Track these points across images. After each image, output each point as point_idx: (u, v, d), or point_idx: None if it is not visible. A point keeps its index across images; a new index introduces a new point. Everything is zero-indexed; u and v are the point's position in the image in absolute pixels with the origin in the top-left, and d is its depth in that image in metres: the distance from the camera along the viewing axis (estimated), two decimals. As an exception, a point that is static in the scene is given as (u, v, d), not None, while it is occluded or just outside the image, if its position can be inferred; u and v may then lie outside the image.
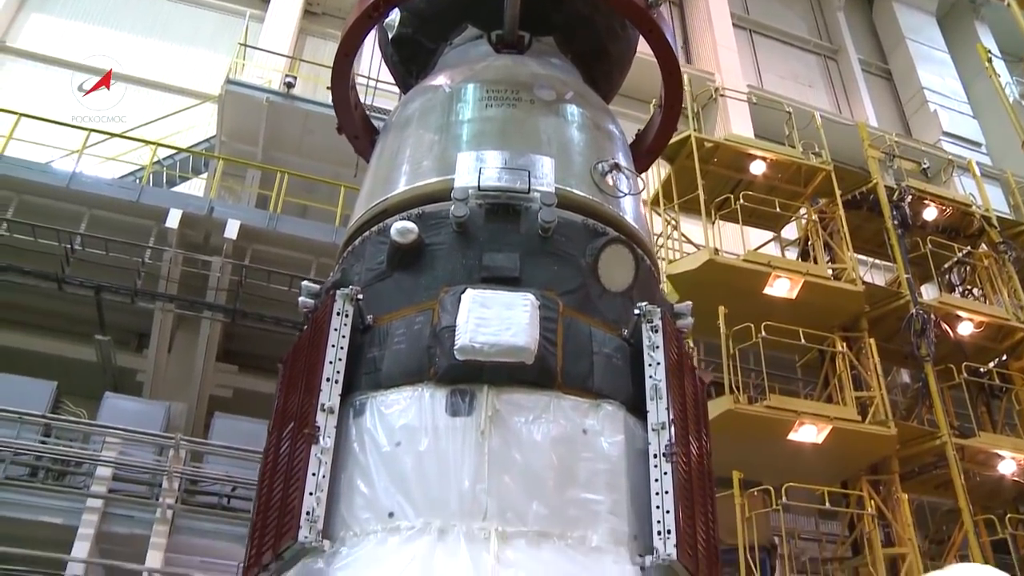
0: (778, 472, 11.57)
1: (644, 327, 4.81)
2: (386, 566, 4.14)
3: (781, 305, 12.56)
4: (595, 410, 4.65)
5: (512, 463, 4.41)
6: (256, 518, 4.73)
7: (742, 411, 11.45)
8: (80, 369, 15.01)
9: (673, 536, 4.29)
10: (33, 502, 12.22)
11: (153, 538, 12.67)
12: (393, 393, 4.69)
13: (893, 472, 12.44)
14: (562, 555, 4.22)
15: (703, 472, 4.75)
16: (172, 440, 13.44)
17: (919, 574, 11.34)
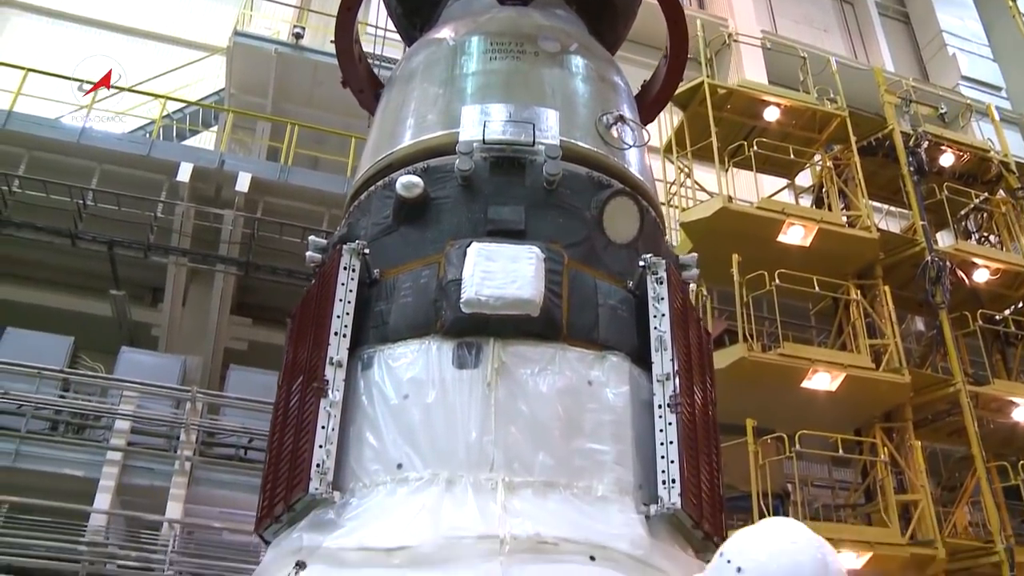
0: (791, 420, 11.63)
1: (649, 279, 4.85)
2: (395, 516, 4.24)
3: (795, 253, 12.53)
4: (600, 361, 4.72)
5: (518, 414, 4.48)
6: (268, 470, 4.85)
7: (755, 359, 11.49)
8: (96, 324, 15.19)
9: (677, 485, 4.37)
10: (55, 455, 12.49)
11: (172, 489, 12.95)
12: (400, 346, 4.76)
13: (906, 420, 12.49)
14: (568, 504, 4.31)
15: (707, 422, 4.83)
16: (188, 393, 13.66)
17: (932, 521, 11.45)
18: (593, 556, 4.12)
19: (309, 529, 4.37)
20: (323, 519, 4.36)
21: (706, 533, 4.58)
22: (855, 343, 12.49)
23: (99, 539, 12.05)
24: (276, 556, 4.47)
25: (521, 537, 4.07)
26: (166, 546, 12.34)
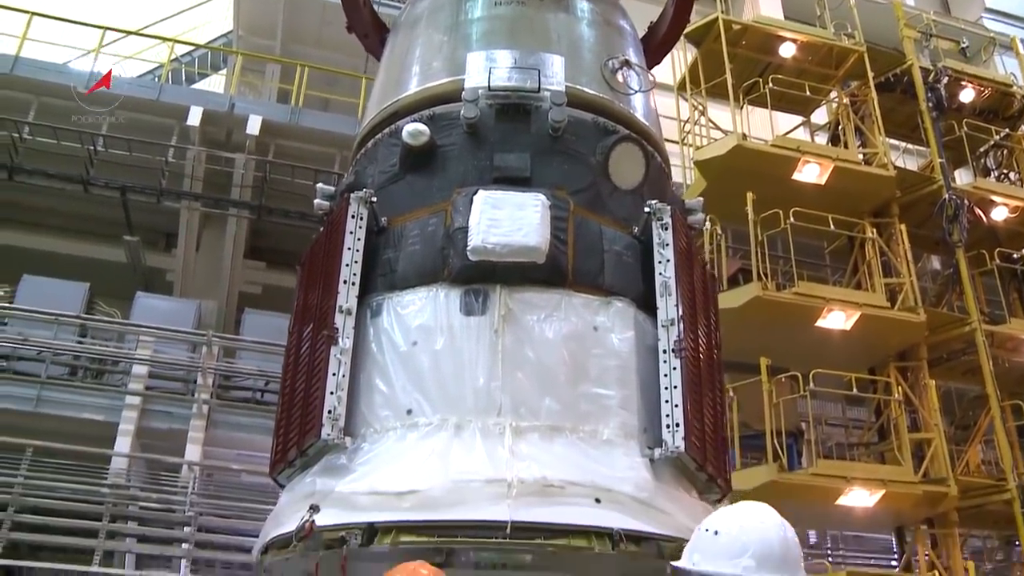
0: (806, 358, 11.66)
1: (654, 224, 4.91)
2: (405, 461, 4.38)
3: (810, 191, 12.47)
4: (606, 307, 4.81)
5: (525, 360, 4.59)
6: (280, 416, 5.00)
7: (770, 298, 11.50)
8: (111, 270, 15.37)
9: (681, 429, 4.48)
10: (75, 400, 12.76)
11: (191, 432, 13.23)
12: (409, 294, 4.87)
13: (921, 358, 12.52)
14: (574, 448, 4.44)
15: (712, 366, 4.93)
16: (204, 337, 13.87)
17: (945, 459, 11.56)
18: (598, 499, 4.26)
19: (322, 474, 4.53)
20: (335, 464, 4.51)
21: (709, 475, 4.71)
22: (870, 282, 12.47)
23: (121, 482, 12.38)
24: (290, 500, 4.64)
25: (528, 480, 4.20)
26: (186, 488, 12.66)
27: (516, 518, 4.08)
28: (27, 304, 13.24)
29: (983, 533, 13.83)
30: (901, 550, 12.35)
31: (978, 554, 13.83)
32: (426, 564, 2.82)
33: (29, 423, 12.20)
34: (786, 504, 10.16)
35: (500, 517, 4.08)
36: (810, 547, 15.71)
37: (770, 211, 11.75)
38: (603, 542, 4.13)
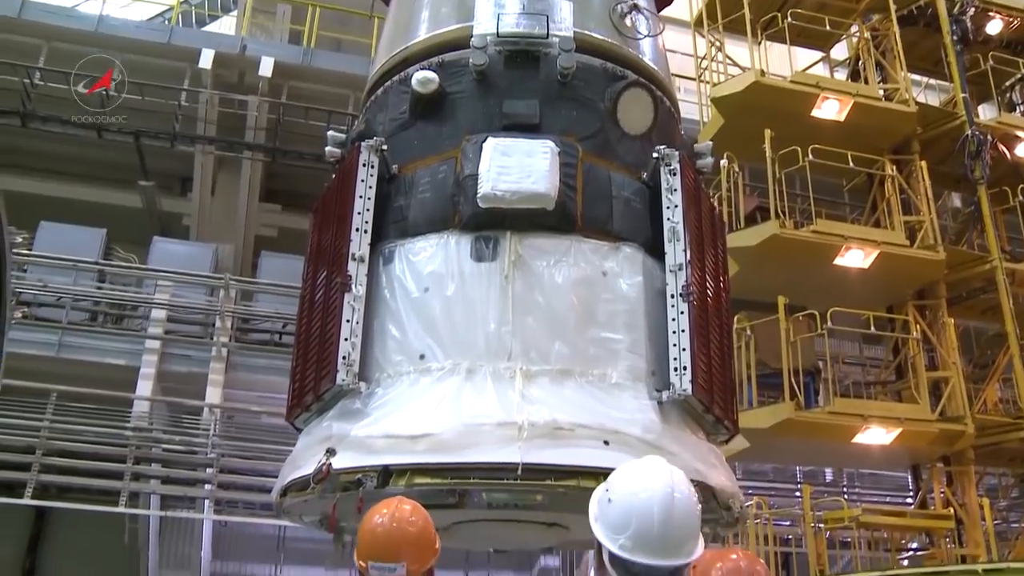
0: (823, 297, 11.69)
1: (662, 170, 4.98)
2: (419, 405, 4.54)
3: (829, 128, 12.40)
4: (614, 252, 4.91)
5: (535, 305, 4.72)
6: (296, 362, 5.16)
7: (788, 236, 11.51)
8: (127, 215, 15.55)
9: (689, 372, 4.61)
10: (96, 345, 13.04)
11: (211, 375, 13.51)
12: (420, 240, 4.98)
13: (940, 297, 12.55)
14: (583, 391, 4.58)
15: (719, 310, 5.04)
16: (222, 280, 14.07)
17: (962, 398, 11.65)
18: (607, 440, 4.40)
19: (338, 418, 4.70)
20: (350, 408, 4.67)
21: (716, 417, 4.85)
22: (889, 220, 12.45)
23: (144, 425, 12.69)
24: (308, 443, 4.82)
25: (538, 423, 4.35)
26: (207, 430, 12.97)
27: (527, 460, 4.23)
28: (45, 251, 13.45)
29: (998, 471, 13.99)
30: (917, 488, 12.53)
31: (993, 491, 14.01)
32: (407, 499, 2.94)
33: (52, 368, 12.48)
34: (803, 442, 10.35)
35: (511, 459, 4.23)
36: (826, 484, 15.96)
37: (788, 148, 11.72)
38: (610, 482, 4.28)
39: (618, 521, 2.09)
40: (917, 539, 12.44)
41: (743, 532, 11.36)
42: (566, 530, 5.09)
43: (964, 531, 11.43)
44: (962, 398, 11.67)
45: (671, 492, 2.11)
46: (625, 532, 2.07)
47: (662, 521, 2.06)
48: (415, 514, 2.86)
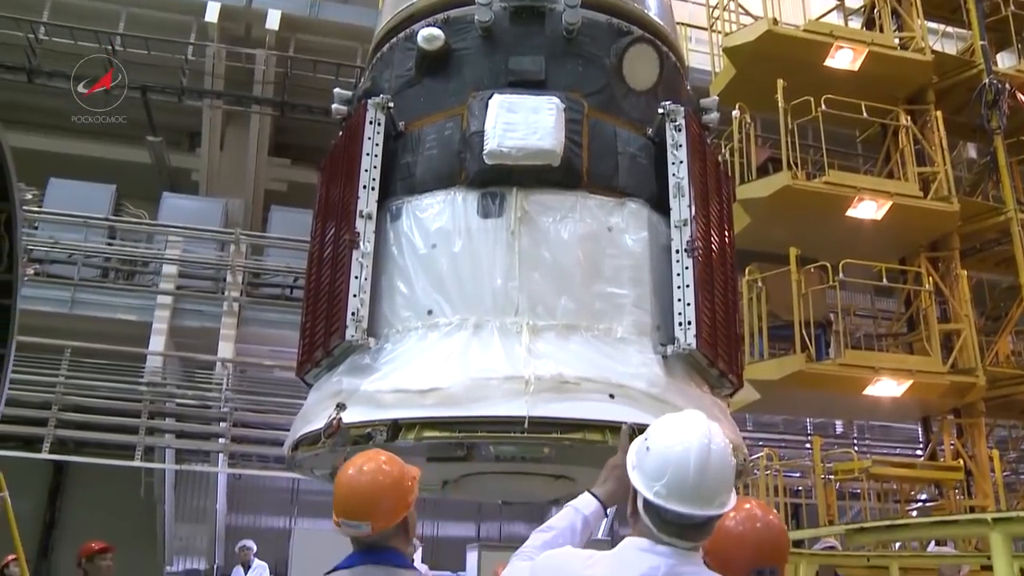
0: (835, 249, 11.73)
1: (668, 126, 5.02)
2: (427, 360, 4.64)
3: (843, 78, 12.36)
4: (620, 208, 4.97)
5: (541, 261, 4.80)
6: (306, 318, 5.28)
7: (800, 187, 11.53)
8: (136, 171, 15.67)
9: (693, 327, 4.69)
10: (108, 301, 13.26)
11: (223, 330, 13.73)
12: (427, 197, 5.05)
13: (953, 248, 12.58)
14: (589, 346, 4.67)
15: (725, 265, 5.10)
16: (232, 235, 14.21)
17: (974, 350, 11.73)
18: (612, 394, 4.50)
19: (347, 373, 4.81)
20: (360, 363, 4.78)
21: (721, 371, 4.95)
22: (903, 171, 12.44)
23: (157, 379, 12.94)
24: (318, 398, 4.94)
25: (544, 377, 4.45)
26: (220, 384, 13.22)
27: (533, 413, 4.32)
28: (55, 207, 13.59)
29: (1009, 423, 14.11)
30: (927, 439, 12.67)
31: (1003, 444, 14.15)
32: (380, 453, 2.89)
33: (65, 324, 12.70)
34: (813, 394, 10.47)
35: (518, 412, 4.33)
36: (836, 436, 16.13)
37: (801, 99, 11.70)
38: (616, 435, 4.38)
39: (654, 469, 2.15)
40: (926, 490, 12.61)
41: (753, 483, 11.54)
42: (572, 482, 5.22)
43: (973, 482, 11.59)
44: (974, 350, 11.76)
45: (708, 444, 2.16)
46: (661, 480, 2.13)
47: (697, 471, 2.11)
48: (383, 470, 2.79)
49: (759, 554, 2.51)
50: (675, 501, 2.10)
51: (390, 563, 2.72)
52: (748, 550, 2.51)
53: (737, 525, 2.53)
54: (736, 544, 2.51)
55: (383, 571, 2.68)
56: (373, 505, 2.71)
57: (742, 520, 2.56)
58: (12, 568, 8.43)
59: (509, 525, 16.34)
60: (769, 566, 2.51)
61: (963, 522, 6.61)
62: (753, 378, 11.31)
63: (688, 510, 2.10)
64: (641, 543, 2.18)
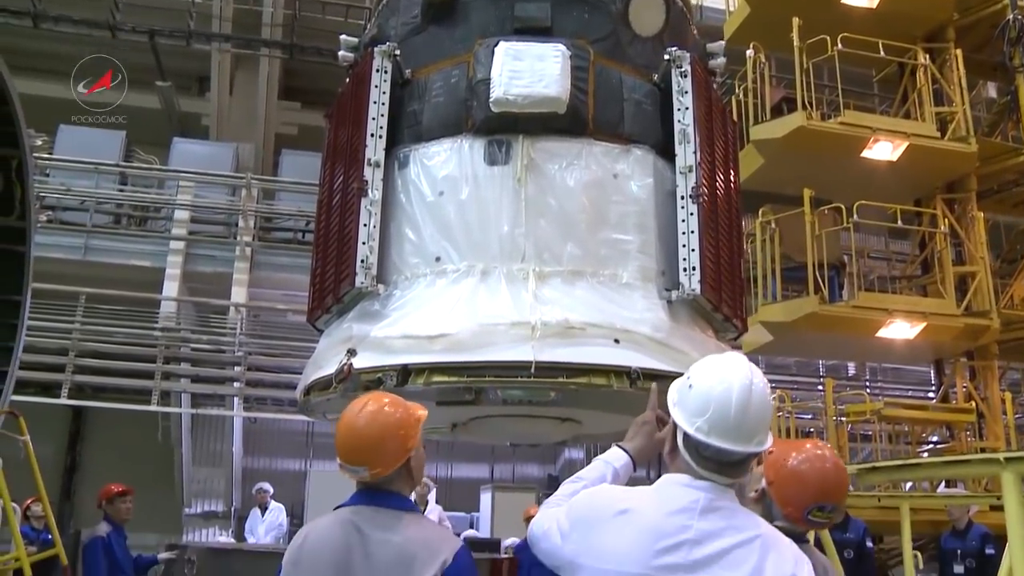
0: (850, 190, 11.71)
1: (673, 72, 5.07)
2: (435, 306, 4.78)
3: (859, 15, 12.23)
4: (625, 155, 5.06)
5: (547, 208, 4.90)
6: (316, 265, 5.41)
7: (814, 128, 11.49)
8: (145, 117, 15.72)
9: (698, 272, 4.81)
10: (121, 247, 13.44)
11: (235, 275, 13.92)
12: (434, 145, 5.15)
13: (970, 190, 12.54)
14: (594, 291, 4.80)
15: (730, 211, 5.20)
16: (243, 180, 14.32)
17: (988, 292, 11.77)
18: (617, 339, 4.64)
19: (357, 319, 4.96)
20: (370, 310, 4.93)
21: (725, 316, 5.07)
22: (920, 111, 12.37)
23: (171, 325, 13.16)
24: (329, 344, 5.10)
25: (550, 323, 4.59)
26: (234, 329, 13.43)
27: (540, 358, 4.46)
28: (65, 154, 13.70)
29: (1021, 365, 14.20)
30: (939, 382, 12.78)
31: (1015, 386, 14.25)
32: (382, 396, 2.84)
33: (79, 271, 12.89)
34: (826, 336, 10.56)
35: (525, 357, 4.47)
36: (848, 378, 16.28)
37: (816, 37, 11.62)
38: (621, 380, 4.53)
39: (696, 406, 2.20)
40: (938, 432, 12.75)
41: (765, 425, 11.71)
42: (579, 424, 5.39)
43: (985, 425, 11.73)
44: (988, 293, 11.81)
45: (749, 383, 2.21)
46: (703, 416, 2.18)
47: (739, 408, 2.16)
48: (383, 415, 2.76)
49: (823, 491, 2.62)
50: (716, 437, 2.16)
51: (390, 506, 2.73)
52: (813, 487, 2.63)
53: (803, 463, 2.66)
54: (801, 481, 2.63)
55: (382, 514, 2.69)
56: (372, 451, 2.71)
57: (807, 459, 2.68)
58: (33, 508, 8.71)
59: (522, 467, 16.65)
60: (831, 502, 2.63)
61: (975, 462, 6.73)
62: (766, 320, 11.44)
63: (729, 446, 2.16)
64: (680, 478, 2.24)
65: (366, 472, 2.70)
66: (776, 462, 2.68)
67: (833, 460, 2.73)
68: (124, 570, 6.95)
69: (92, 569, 6.80)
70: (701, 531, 2.11)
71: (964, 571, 8.66)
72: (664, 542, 2.11)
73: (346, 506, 2.76)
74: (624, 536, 2.16)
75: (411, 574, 2.55)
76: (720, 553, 2.08)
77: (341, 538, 2.64)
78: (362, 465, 2.71)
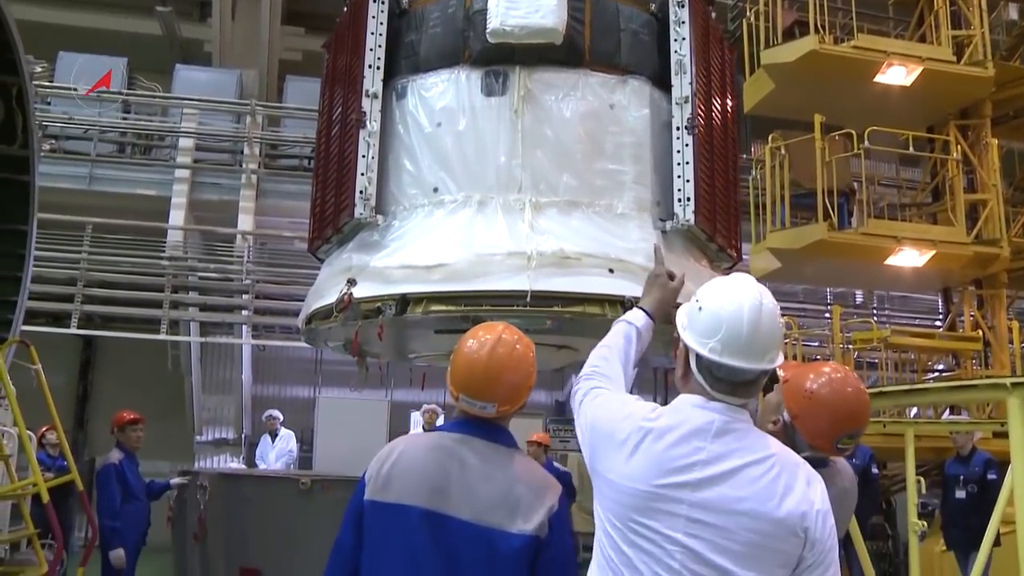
0: (862, 116, 11.61)
1: (671, 2, 5.14)
2: (433, 236, 4.94)
3: (875, -66, 12.09)
4: (622, 86, 5.16)
5: (544, 139, 5.03)
6: (316, 196, 5.57)
7: (827, 51, 11.38)
8: (147, 44, 15.67)
9: (692, 203, 4.94)
10: (126, 176, 13.53)
11: (241, 203, 14.03)
12: (432, 76, 5.26)
13: (985, 116, 12.43)
14: (590, 222, 4.95)
15: (726, 142, 5.30)
16: (247, 107, 14.35)
17: (1000, 221, 11.79)
18: (612, 269, 4.80)
19: (357, 250, 5.14)
20: (369, 240, 5.10)
21: (720, 246, 5.22)
22: (936, 35, 12.25)
23: (178, 254, 13.32)
24: (330, 274, 5.28)
25: (546, 253, 4.75)
26: (241, 257, 13.59)
27: (535, 287, 4.65)
28: (65, 82, 13.71)
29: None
30: (947, 310, 12.88)
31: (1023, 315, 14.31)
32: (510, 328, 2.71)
33: (85, 201, 13.01)
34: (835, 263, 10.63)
35: (521, 287, 4.66)
36: (856, 306, 16.40)
37: (829, -43, 11.48)
38: (615, 309, 4.70)
39: (708, 327, 2.20)
40: (944, 361, 12.88)
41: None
42: (575, 351, 5.57)
43: (991, 353, 11.85)
44: (999, 221, 11.80)
45: (759, 301, 2.22)
46: (715, 336, 2.19)
47: (751, 326, 2.17)
48: (517, 352, 2.64)
49: (851, 418, 2.63)
50: (729, 356, 2.18)
51: (500, 442, 2.64)
52: (842, 416, 2.63)
53: (827, 393, 2.64)
54: (829, 412, 2.62)
55: (491, 448, 2.60)
56: (504, 387, 2.59)
57: (831, 387, 2.65)
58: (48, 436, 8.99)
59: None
60: (860, 428, 2.67)
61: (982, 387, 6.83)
62: (774, 247, 11.51)
63: (742, 364, 2.19)
64: (694, 399, 2.27)
65: (492, 408, 2.59)
66: (797, 393, 2.67)
67: (855, 384, 2.74)
68: (137, 495, 7.18)
69: (106, 494, 7.03)
70: (713, 453, 2.16)
71: (966, 496, 8.84)
72: (676, 463, 2.16)
73: (447, 432, 2.67)
74: (637, 458, 2.20)
75: (515, 515, 2.48)
76: (730, 472, 2.13)
77: (440, 463, 2.55)
78: (491, 401, 2.59)
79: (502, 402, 2.59)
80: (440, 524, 2.48)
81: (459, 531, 2.47)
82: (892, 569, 10.75)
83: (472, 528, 2.47)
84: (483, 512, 2.47)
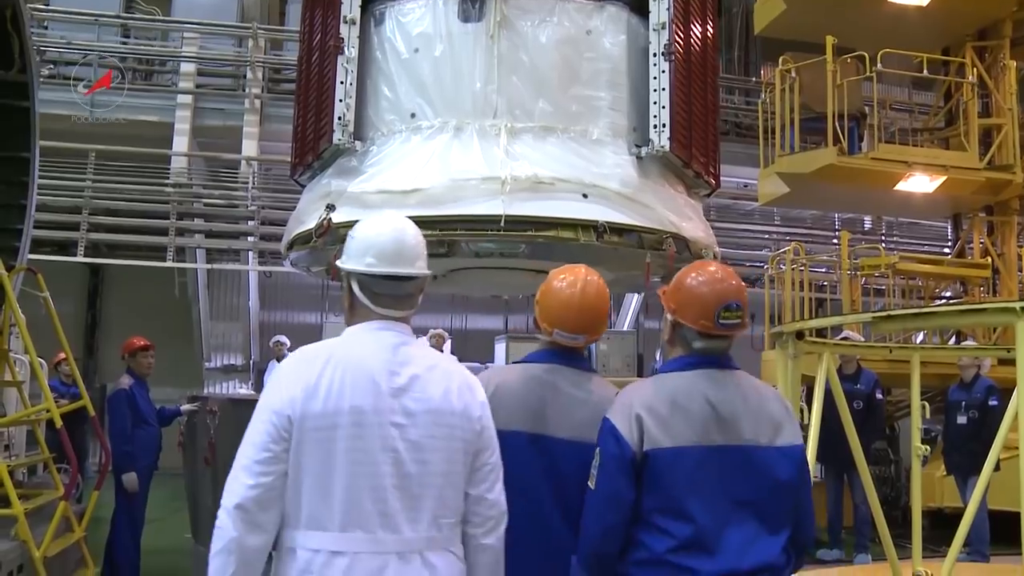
0: (875, 38, 11.52)
1: (649, -75, 5.19)
2: (410, 162, 5.09)
3: None
4: (599, 11, 5.24)
5: (519, 64, 5.14)
6: (296, 123, 5.72)
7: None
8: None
9: (668, 129, 5.05)
10: (127, 103, 13.60)
11: (245, 128, 14.15)
12: (409, 2, 5.36)
13: (1004, 37, 12.23)
14: (565, 147, 5.08)
15: (705, 68, 5.37)
16: (249, 30, 14.37)
17: (1014, 146, 11.73)
18: (585, 194, 4.95)
19: (336, 175, 5.30)
20: (347, 166, 5.26)
21: (696, 172, 5.33)
22: (955, -49, 12.05)
23: (183, 180, 13.50)
24: (310, 199, 5.45)
25: (520, 178, 4.90)
26: (246, 183, 13.76)
27: (509, 212, 4.81)
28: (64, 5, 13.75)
29: (1041, 222, 14.19)
30: (956, 237, 12.89)
31: (1033, 242, 14.28)
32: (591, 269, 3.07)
33: (86, 128, 13.11)
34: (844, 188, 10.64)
35: (495, 212, 4.82)
36: (864, 232, 16.41)
37: None
38: (588, 233, 4.87)
39: (360, 248, 2.50)
40: (951, 288, 12.95)
41: (779, 277, 11.95)
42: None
43: (999, 280, 11.90)
44: (1014, 146, 11.75)
45: (401, 223, 2.57)
46: (368, 253, 2.48)
47: (396, 239, 2.50)
48: (601, 289, 3.01)
49: (718, 290, 2.74)
50: (386, 264, 2.47)
51: (583, 368, 3.03)
52: (706, 287, 2.75)
53: (693, 279, 2.79)
54: (699, 291, 2.76)
55: (577, 374, 2.97)
56: (599, 321, 3.00)
57: (694, 270, 2.82)
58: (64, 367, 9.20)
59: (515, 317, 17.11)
60: (734, 299, 2.74)
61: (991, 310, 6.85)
62: (783, 171, 11.54)
63: (397, 270, 2.48)
64: (367, 325, 2.52)
65: (583, 339, 2.98)
66: (669, 293, 2.86)
67: (716, 265, 2.92)
68: (147, 420, 7.39)
69: (117, 419, 7.24)
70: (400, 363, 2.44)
71: (967, 421, 9.00)
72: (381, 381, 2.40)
73: (535, 363, 3.03)
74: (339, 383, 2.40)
75: None
76: (412, 380, 2.41)
77: (535, 391, 2.91)
78: (584, 333, 2.97)
79: (592, 332, 2.99)
80: (543, 445, 2.85)
81: (559, 449, 2.84)
82: (894, 493, 10.97)
83: (571, 446, 2.81)
84: (578, 430, 2.81)
